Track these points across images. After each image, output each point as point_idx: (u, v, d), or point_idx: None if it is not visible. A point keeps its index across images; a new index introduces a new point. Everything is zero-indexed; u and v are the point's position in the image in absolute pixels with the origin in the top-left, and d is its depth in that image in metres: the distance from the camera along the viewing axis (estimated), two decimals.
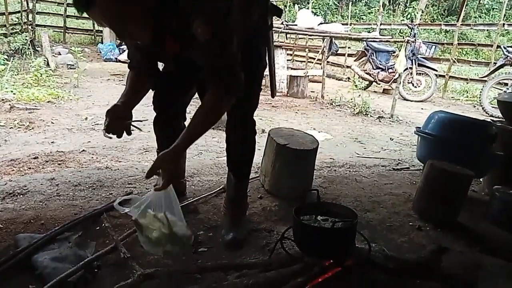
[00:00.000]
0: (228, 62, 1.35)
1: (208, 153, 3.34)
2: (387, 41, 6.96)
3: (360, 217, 2.12)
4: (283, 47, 6.85)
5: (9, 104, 4.30)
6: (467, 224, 2.17)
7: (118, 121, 1.50)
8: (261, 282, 1.35)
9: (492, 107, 6.40)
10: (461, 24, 8.50)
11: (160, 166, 1.36)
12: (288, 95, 6.61)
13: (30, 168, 2.73)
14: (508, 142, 2.50)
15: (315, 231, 1.43)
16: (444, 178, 2.12)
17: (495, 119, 3.63)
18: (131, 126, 1.56)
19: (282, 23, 5.81)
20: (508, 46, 7.07)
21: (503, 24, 8.09)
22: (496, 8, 16.45)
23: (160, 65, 1.75)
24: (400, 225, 2.10)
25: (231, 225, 1.83)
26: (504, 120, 2.78)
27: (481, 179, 2.78)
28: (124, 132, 1.54)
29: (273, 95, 1.91)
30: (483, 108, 6.64)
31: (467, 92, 8.37)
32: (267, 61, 1.80)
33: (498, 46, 7.57)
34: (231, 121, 1.77)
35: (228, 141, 1.82)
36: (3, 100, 4.39)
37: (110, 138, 1.53)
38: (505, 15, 16.38)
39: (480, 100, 6.81)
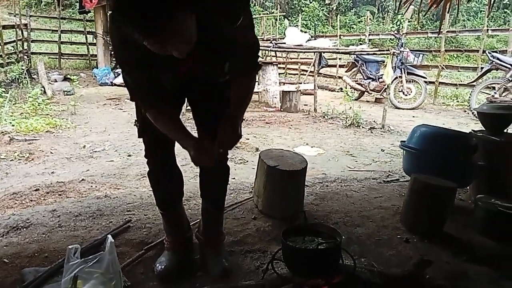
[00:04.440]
0: (255, 40, 1.54)
1: None
2: (374, 53, 7.13)
3: (350, 232, 2.23)
4: (273, 63, 7.01)
5: (9, 136, 4.40)
6: (454, 233, 2.26)
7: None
8: None
9: None
10: (447, 31, 8.71)
11: (227, 134, 1.52)
12: (282, 110, 6.74)
13: (32, 201, 2.82)
14: (489, 151, 2.61)
15: (301, 252, 1.53)
16: (428, 191, 2.22)
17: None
18: None
19: (270, 42, 5.97)
20: (493, 51, 7.24)
21: (487, 29, 8.29)
22: (483, 11, 16.75)
23: None
24: (389, 239, 2.20)
25: (217, 256, 1.85)
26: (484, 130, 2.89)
27: (467, 188, 2.87)
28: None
29: None
30: (473, 113, 6.76)
31: (457, 97, 8.52)
32: None
33: (484, 51, 7.74)
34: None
35: (209, 178, 1.86)
36: (2, 132, 4.49)
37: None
38: (492, 16, 16.69)
39: (469, 105, 6.94)
